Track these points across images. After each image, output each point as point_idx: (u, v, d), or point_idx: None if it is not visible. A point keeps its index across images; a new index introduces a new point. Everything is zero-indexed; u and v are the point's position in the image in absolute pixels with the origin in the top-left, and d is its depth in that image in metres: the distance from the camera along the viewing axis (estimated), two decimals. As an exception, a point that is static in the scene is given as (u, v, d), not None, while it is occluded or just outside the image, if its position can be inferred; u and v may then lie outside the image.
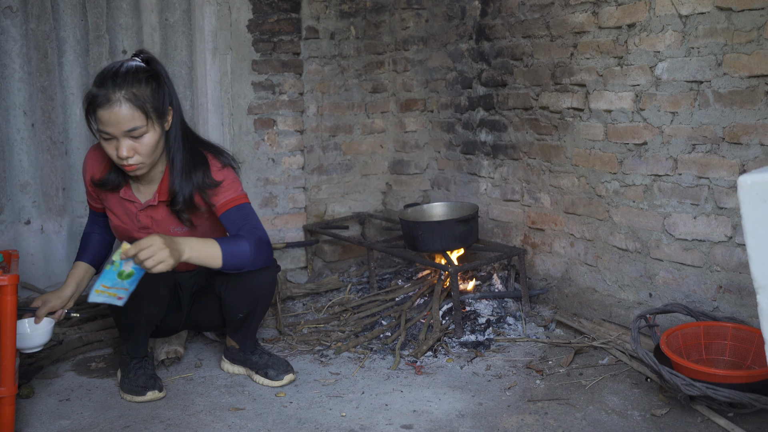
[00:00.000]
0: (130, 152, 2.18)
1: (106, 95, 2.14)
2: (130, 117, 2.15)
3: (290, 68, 3.59)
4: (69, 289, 2.39)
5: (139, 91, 2.16)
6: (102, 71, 2.21)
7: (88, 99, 2.16)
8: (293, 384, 2.47)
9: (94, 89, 2.16)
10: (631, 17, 2.65)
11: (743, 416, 2.12)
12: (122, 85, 2.15)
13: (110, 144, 2.19)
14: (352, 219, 3.81)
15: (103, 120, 2.15)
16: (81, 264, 2.49)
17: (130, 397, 2.38)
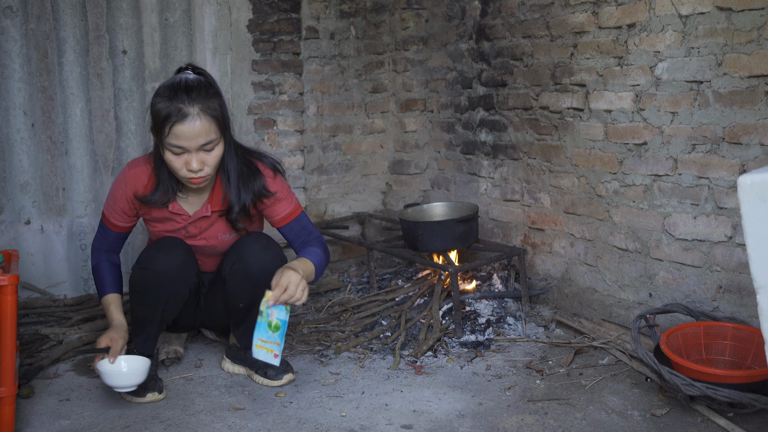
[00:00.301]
0: (200, 165, 2.20)
1: (183, 110, 2.15)
2: (207, 131, 2.18)
3: (290, 68, 3.59)
4: (124, 321, 2.39)
5: (212, 105, 2.19)
6: (170, 86, 2.19)
7: (163, 114, 2.15)
8: (293, 384, 2.47)
9: (168, 104, 2.15)
10: (631, 17, 2.65)
11: (743, 416, 2.12)
12: (197, 99, 2.17)
13: (179, 158, 2.19)
14: (352, 219, 3.81)
15: (180, 134, 2.15)
16: (114, 295, 2.44)
17: (130, 396, 2.37)
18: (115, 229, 2.46)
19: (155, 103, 2.19)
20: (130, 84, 3.35)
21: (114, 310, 2.40)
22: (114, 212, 2.42)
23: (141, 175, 2.35)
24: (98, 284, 2.45)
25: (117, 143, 3.37)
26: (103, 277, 2.45)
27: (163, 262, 2.33)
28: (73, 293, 3.33)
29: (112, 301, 2.42)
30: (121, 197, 2.38)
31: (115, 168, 3.37)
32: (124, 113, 3.36)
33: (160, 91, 2.21)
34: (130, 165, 2.39)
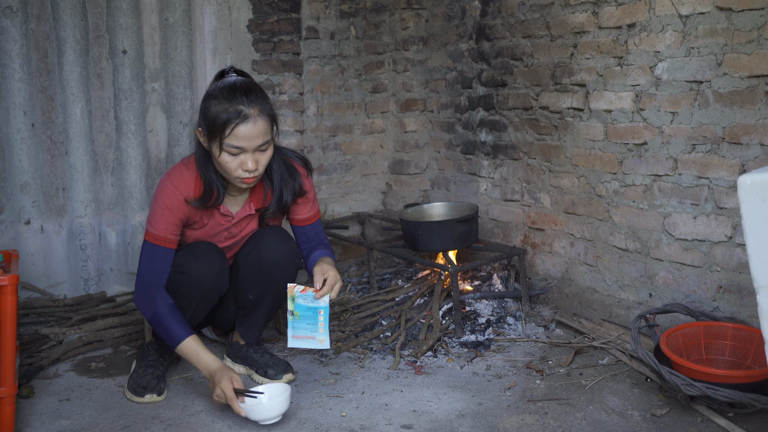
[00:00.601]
0: (256, 165, 2.22)
1: (244, 111, 2.17)
2: (265, 131, 2.21)
3: (290, 68, 3.59)
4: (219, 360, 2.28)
5: (267, 106, 2.24)
6: (227, 88, 2.21)
7: (224, 116, 2.16)
8: (293, 384, 2.47)
9: (227, 106, 2.17)
10: (631, 17, 2.65)
11: (743, 416, 2.12)
12: (256, 100, 2.20)
13: (236, 159, 2.20)
14: (352, 219, 3.81)
15: (241, 135, 2.17)
16: (193, 337, 2.28)
17: (130, 395, 2.38)
18: (172, 247, 2.31)
19: (211, 106, 2.19)
20: (130, 84, 3.35)
21: (206, 354, 2.26)
22: (171, 226, 2.30)
23: (187, 182, 2.31)
24: (167, 332, 2.27)
25: (117, 143, 3.37)
26: (171, 323, 2.27)
27: (201, 268, 2.33)
28: (73, 293, 3.34)
29: (195, 343, 2.27)
30: (178, 207, 2.29)
31: (115, 168, 3.37)
32: (124, 113, 3.36)
33: (214, 94, 2.21)
34: (171, 177, 2.31)
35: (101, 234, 3.38)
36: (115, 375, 2.59)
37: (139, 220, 3.44)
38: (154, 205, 2.31)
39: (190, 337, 2.27)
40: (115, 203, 3.40)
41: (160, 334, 2.30)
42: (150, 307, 2.28)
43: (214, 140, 2.20)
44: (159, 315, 2.27)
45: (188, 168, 2.33)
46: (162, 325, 2.27)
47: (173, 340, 2.26)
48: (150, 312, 2.28)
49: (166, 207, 2.28)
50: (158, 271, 2.30)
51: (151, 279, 2.29)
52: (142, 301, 2.30)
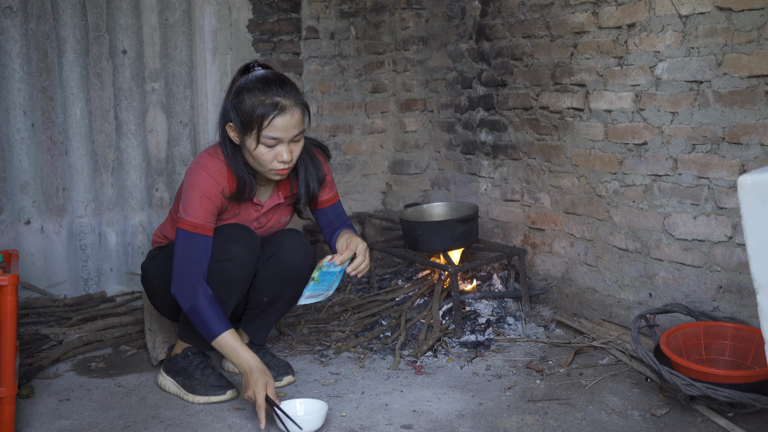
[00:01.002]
0: (290, 156, 2.24)
1: (281, 103, 2.19)
2: (300, 122, 2.25)
3: (290, 68, 3.59)
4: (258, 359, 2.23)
5: (300, 96, 2.26)
6: (260, 80, 2.22)
7: (261, 109, 2.17)
8: (293, 384, 2.47)
9: (264, 98, 2.18)
10: (631, 17, 2.65)
11: (743, 416, 2.12)
12: (290, 91, 2.23)
13: (271, 150, 2.22)
14: (352, 219, 3.81)
15: (279, 126, 2.19)
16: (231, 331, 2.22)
17: (205, 398, 2.33)
18: (209, 235, 2.27)
19: (245, 99, 2.20)
20: (130, 84, 3.35)
21: (244, 350, 2.20)
22: (209, 215, 2.26)
23: (223, 173, 2.29)
24: (205, 324, 2.20)
25: (117, 143, 3.37)
26: (211, 315, 2.20)
27: (245, 252, 2.32)
28: (73, 293, 3.34)
29: (234, 338, 2.20)
30: (216, 196, 2.27)
31: (115, 168, 3.37)
32: (124, 113, 3.36)
33: (248, 87, 2.22)
34: (206, 167, 2.28)
35: (101, 234, 3.38)
36: (115, 375, 2.59)
37: (139, 220, 3.44)
38: (191, 193, 2.26)
39: (229, 330, 2.20)
40: (115, 203, 3.40)
41: (196, 325, 2.23)
42: (190, 297, 2.21)
43: (249, 133, 2.21)
44: (198, 306, 2.20)
45: (219, 160, 2.32)
46: (201, 316, 2.20)
47: (211, 332, 2.19)
48: (189, 303, 2.21)
49: (204, 195, 2.26)
50: (197, 261, 2.24)
51: (190, 269, 2.23)
52: (181, 292, 2.23)
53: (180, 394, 2.38)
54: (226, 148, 2.31)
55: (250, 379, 2.16)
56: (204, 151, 2.38)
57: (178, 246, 2.26)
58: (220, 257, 2.29)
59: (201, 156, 2.36)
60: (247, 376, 2.18)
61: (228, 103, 2.28)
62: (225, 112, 2.30)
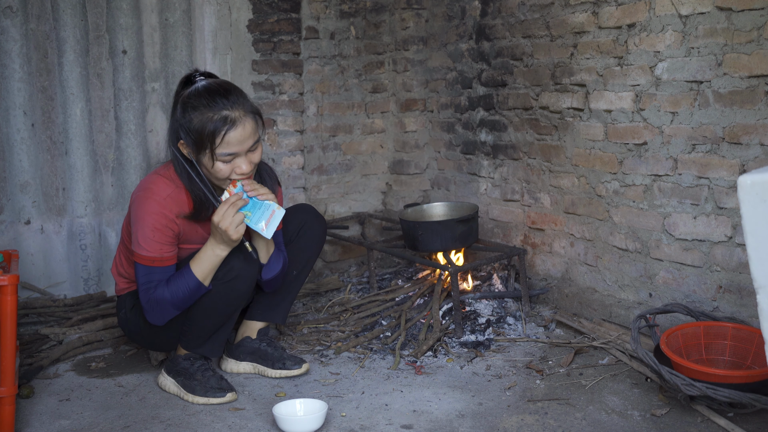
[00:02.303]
0: (249, 166, 2.17)
1: (230, 116, 2.09)
2: (254, 131, 2.16)
3: (290, 68, 3.59)
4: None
5: (248, 103, 2.16)
6: (203, 95, 2.11)
7: (211, 126, 2.08)
8: (293, 384, 2.48)
9: (211, 114, 2.08)
10: (631, 17, 2.65)
11: (743, 416, 2.12)
12: (237, 101, 2.13)
13: (227, 165, 2.14)
14: (352, 219, 3.81)
15: (233, 141, 2.11)
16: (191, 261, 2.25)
17: (205, 399, 2.33)
18: (168, 264, 2.24)
19: (192, 118, 2.10)
20: (130, 84, 3.35)
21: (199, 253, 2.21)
22: (163, 245, 2.21)
23: (177, 197, 2.22)
24: (185, 289, 2.21)
25: (117, 143, 3.37)
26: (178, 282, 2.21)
27: (249, 263, 2.27)
28: (73, 293, 3.33)
29: (195, 261, 2.21)
30: (165, 224, 2.19)
31: (115, 168, 3.37)
32: (124, 113, 3.36)
33: (193, 103, 2.12)
34: (153, 194, 2.20)
35: (101, 234, 3.38)
36: (115, 375, 2.59)
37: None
38: (141, 228, 2.18)
39: (190, 266, 2.20)
40: (115, 203, 3.40)
41: (189, 301, 2.22)
42: (159, 306, 2.22)
43: (203, 152, 2.13)
44: (169, 295, 2.20)
45: (170, 181, 2.23)
46: (178, 293, 2.20)
47: (193, 283, 2.20)
48: (164, 305, 2.22)
49: (155, 228, 2.18)
50: (156, 280, 2.24)
51: (148, 293, 2.23)
52: (152, 315, 2.25)
53: (180, 395, 2.38)
54: (179, 168, 2.21)
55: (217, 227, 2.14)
56: (154, 172, 2.28)
57: (139, 278, 2.23)
58: (225, 278, 2.25)
59: (150, 180, 2.24)
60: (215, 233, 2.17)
61: (175, 122, 2.17)
62: (173, 130, 2.19)
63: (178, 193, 2.23)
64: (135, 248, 2.22)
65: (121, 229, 2.41)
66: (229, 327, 2.43)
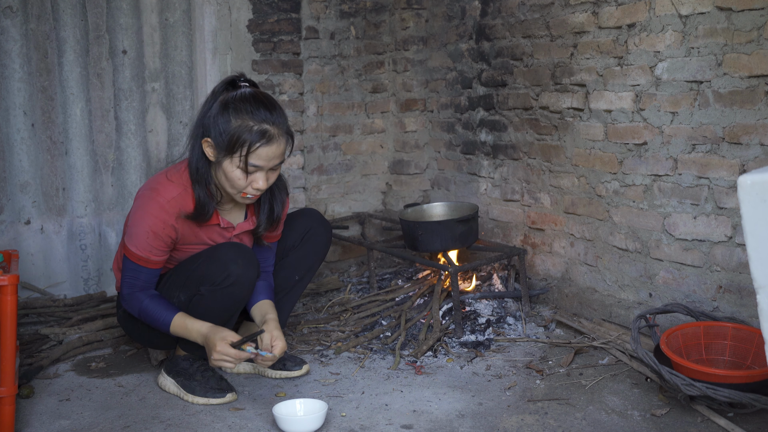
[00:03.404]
0: (266, 184, 2.16)
1: (270, 132, 2.09)
2: (284, 151, 2.16)
3: (290, 68, 3.59)
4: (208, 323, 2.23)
5: (287, 123, 2.16)
6: (247, 101, 2.10)
7: (247, 136, 2.07)
8: (293, 384, 2.48)
9: (252, 123, 2.07)
10: (631, 17, 2.65)
11: (743, 416, 2.12)
12: (279, 119, 2.12)
13: (245, 176, 2.13)
14: (352, 219, 3.81)
15: (263, 155, 2.10)
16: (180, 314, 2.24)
17: (204, 400, 2.33)
18: (155, 267, 2.25)
19: (231, 120, 2.09)
20: (130, 84, 3.35)
21: (192, 321, 2.21)
22: (155, 249, 2.21)
23: (180, 200, 2.20)
24: (154, 319, 2.23)
25: (117, 143, 3.37)
26: (156, 308, 2.23)
27: (247, 271, 2.25)
28: (73, 293, 3.33)
29: (182, 317, 2.22)
30: (163, 230, 2.18)
31: (115, 168, 3.37)
32: (124, 113, 3.36)
33: (235, 107, 2.10)
34: (159, 195, 2.18)
35: (101, 234, 3.38)
36: (115, 375, 2.59)
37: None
38: (138, 226, 2.18)
39: (177, 314, 2.22)
40: (115, 203, 3.40)
41: (151, 324, 2.25)
42: (134, 303, 2.25)
43: (228, 156, 2.11)
44: (144, 307, 2.24)
45: (176, 184, 2.22)
46: (150, 316, 2.23)
47: (164, 324, 2.22)
48: (136, 310, 2.25)
49: (151, 231, 2.18)
50: (141, 285, 2.26)
51: (134, 287, 2.25)
52: (126, 305, 2.27)
53: (180, 395, 2.38)
54: (197, 165, 2.19)
55: (209, 343, 2.15)
56: (163, 173, 2.26)
57: (126, 270, 2.25)
58: (224, 283, 2.23)
59: (157, 181, 2.24)
60: (205, 344, 2.17)
61: (209, 119, 2.15)
62: (203, 126, 2.16)
63: (183, 195, 2.21)
64: (127, 241, 2.24)
65: (124, 226, 2.40)
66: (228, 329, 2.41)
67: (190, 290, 2.28)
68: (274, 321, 2.28)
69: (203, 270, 2.25)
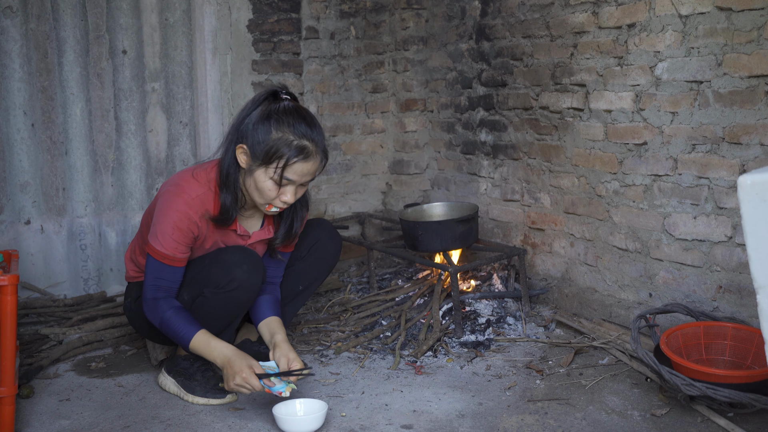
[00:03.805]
0: (293, 198, 2.17)
1: (309, 148, 2.11)
2: (318, 169, 2.18)
3: (290, 68, 3.59)
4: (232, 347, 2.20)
5: (324, 141, 2.17)
6: (290, 114, 2.11)
7: (286, 150, 2.08)
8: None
9: (293, 138, 2.08)
10: (631, 17, 2.65)
11: (743, 416, 2.12)
12: (318, 137, 2.14)
13: (277, 188, 2.14)
14: (352, 219, 3.81)
15: (298, 171, 2.12)
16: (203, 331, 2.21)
17: (204, 400, 2.33)
18: (179, 265, 2.23)
19: (272, 131, 2.10)
20: (130, 84, 3.35)
21: (216, 341, 2.18)
22: (179, 245, 2.20)
23: (204, 199, 2.20)
24: (175, 332, 2.20)
25: (117, 143, 3.37)
26: (179, 322, 2.20)
27: (251, 277, 2.25)
28: (73, 293, 3.34)
29: (205, 335, 2.20)
30: (187, 226, 2.18)
31: (115, 168, 3.37)
32: (124, 113, 3.36)
33: (277, 119, 2.11)
34: (183, 193, 2.18)
35: (101, 234, 3.38)
36: (115, 375, 2.59)
37: (139, 220, 3.44)
38: (163, 222, 2.18)
39: (200, 331, 2.19)
40: (115, 203, 3.40)
41: (171, 337, 2.23)
42: (156, 315, 2.22)
43: (263, 166, 2.12)
44: (165, 319, 2.20)
45: (201, 184, 2.22)
46: (171, 329, 2.20)
47: (184, 339, 2.19)
48: (157, 320, 2.22)
49: (176, 227, 2.17)
50: (166, 287, 2.23)
51: (157, 291, 2.22)
52: (150, 312, 2.24)
53: (180, 394, 2.38)
54: (229, 170, 2.19)
55: (234, 367, 2.13)
56: (188, 171, 2.27)
57: (149, 271, 2.23)
58: (227, 287, 2.23)
59: (183, 178, 2.24)
60: (228, 365, 2.15)
61: (247, 126, 2.15)
62: (240, 131, 2.17)
63: (207, 194, 2.21)
64: (151, 240, 2.21)
65: (142, 218, 2.41)
66: (230, 332, 2.41)
67: (194, 291, 2.28)
68: (286, 343, 2.26)
69: (208, 272, 2.25)
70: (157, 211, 2.22)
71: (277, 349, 2.23)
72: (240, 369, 2.12)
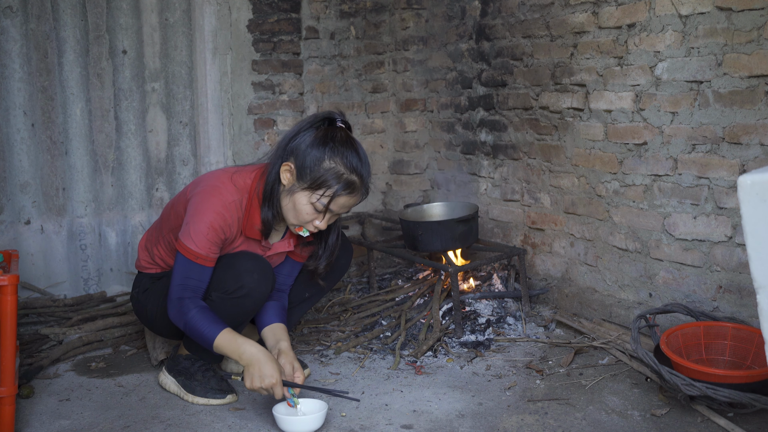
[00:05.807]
0: (325, 226, 2.19)
1: (355, 185, 2.13)
2: (357, 203, 2.21)
3: (290, 68, 3.59)
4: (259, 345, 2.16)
5: (370, 178, 2.20)
6: (346, 146, 2.12)
7: (335, 182, 2.10)
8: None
9: (343, 171, 2.10)
10: (631, 17, 2.65)
11: (743, 416, 2.12)
12: (366, 174, 2.17)
13: (314, 213, 2.15)
14: (352, 219, 3.81)
15: (340, 203, 2.14)
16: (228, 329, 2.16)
17: (204, 400, 2.33)
18: (210, 266, 2.20)
19: (324, 159, 2.10)
20: (130, 84, 3.35)
21: (244, 341, 2.13)
22: (213, 245, 2.18)
23: (238, 206, 2.20)
24: (201, 331, 2.14)
25: (117, 143, 3.37)
26: (205, 320, 2.15)
27: (261, 284, 2.24)
28: (73, 293, 3.34)
29: (231, 334, 2.15)
30: (221, 228, 2.18)
31: (115, 168, 3.37)
32: (124, 113, 3.36)
33: (332, 147, 2.11)
34: (221, 195, 2.18)
35: (101, 234, 3.38)
36: (115, 375, 2.59)
37: (139, 220, 3.44)
38: (199, 222, 2.15)
39: (224, 330, 2.14)
40: (115, 203, 3.40)
41: (194, 339, 2.19)
42: (180, 316, 2.16)
43: (307, 190, 2.13)
44: (190, 317, 2.15)
45: (238, 190, 2.21)
46: (195, 327, 2.14)
47: (208, 340, 2.14)
48: (182, 321, 2.17)
49: (212, 227, 2.15)
50: (193, 287, 2.19)
51: (184, 290, 2.18)
52: (173, 314, 2.19)
53: (180, 394, 2.38)
54: (270, 186, 2.19)
55: (263, 371, 2.09)
56: (227, 174, 2.25)
57: (177, 270, 2.20)
58: (236, 293, 2.22)
59: (221, 179, 2.23)
60: (254, 366, 2.10)
61: (298, 146, 2.15)
62: (289, 149, 2.17)
63: (240, 203, 2.21)
64: (183, 238, 2.18)
65: (164, 210, 2.39)
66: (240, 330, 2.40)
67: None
68: (291, 351, 2.25)
69: (218, 276, 2.24)
70: (192, 209, 2.19)
71: (282, 355, 2.23)
72: (271, 374, 2.09)
